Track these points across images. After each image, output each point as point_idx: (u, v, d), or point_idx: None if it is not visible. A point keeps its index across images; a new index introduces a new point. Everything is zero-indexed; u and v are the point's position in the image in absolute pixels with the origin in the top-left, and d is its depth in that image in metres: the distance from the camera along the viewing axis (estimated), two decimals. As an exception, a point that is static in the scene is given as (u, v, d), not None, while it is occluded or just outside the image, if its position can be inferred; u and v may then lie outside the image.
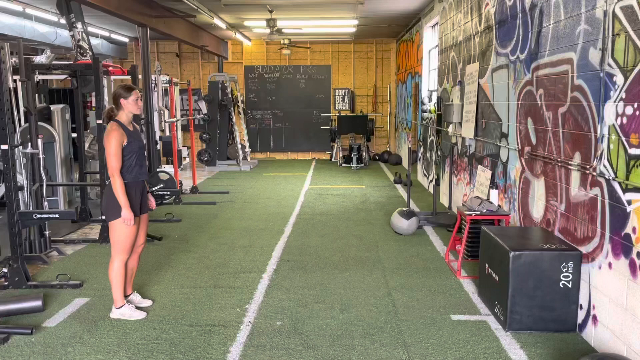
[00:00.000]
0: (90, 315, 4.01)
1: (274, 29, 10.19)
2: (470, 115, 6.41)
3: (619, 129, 3.17)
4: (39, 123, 6.60)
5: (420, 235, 6.33)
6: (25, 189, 5.54)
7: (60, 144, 7.42)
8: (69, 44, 8.83)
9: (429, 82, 10.25)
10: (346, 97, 14.99)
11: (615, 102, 3.21)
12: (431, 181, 9.10)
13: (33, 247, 5.48)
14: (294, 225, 6.87)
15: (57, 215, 4.83)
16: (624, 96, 3.12)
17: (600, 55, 3.39)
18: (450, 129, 7.42)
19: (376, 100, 15.03)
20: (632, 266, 3.05)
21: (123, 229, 3.82)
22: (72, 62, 6.91)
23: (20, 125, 6.73)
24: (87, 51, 6.72)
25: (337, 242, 6.06)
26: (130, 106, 3.87)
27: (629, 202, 3.08)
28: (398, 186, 10.00)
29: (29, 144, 5.60)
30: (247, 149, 13.36)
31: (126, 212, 3.76)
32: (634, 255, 3.04)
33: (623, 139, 3.13)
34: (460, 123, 6.92)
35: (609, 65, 3.28)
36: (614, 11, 3.23)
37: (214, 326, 3.81)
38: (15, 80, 6.30)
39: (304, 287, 4.60)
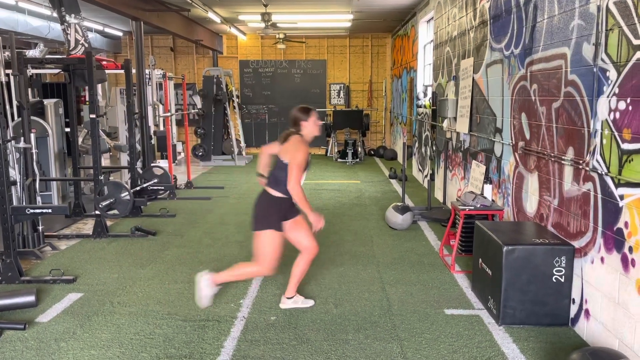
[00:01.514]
0: (83, 311, 4.00)
1: (269, 23, 10.15)
2: (465, 110, 6.42)
3: (611, 124, 3.18)
4: (32, 117, 6.56)
5: (415, 230, 6.34)
6: (18, 183, 5.51)
7: (53, 138, 7.38)
8: (62, 37, 8.76)
9: (424, 77, 10.25)
10: (341, 92, 14.97)
11: (608, 97, 3.22)
12: (426, 176, 9.11)
13: (26, 242, 5.45)
14: (289, 220, 6.86)
15: (50, 210, 4.81)
16: (617, 91, 3.13)
17: (593, 50, 3.39)
18: (445, 124, 7.42)
19: (371, 95, 15.02)
20: (624, 261, 3.07)
21: (270, 241, 3.76)
22: (65, 57, 6.85)
23: (13, 119, 6.69)
24: (81, 44, 6.67)
25: (332, 237, 6.06)
26: (311, 127, 3.84)
27: (622, 197, 3.09)
28: (393, 181, 10.01)
29: (22, 138, 5.57)
30: (242, 144, 13.34)
31: (314, 215, 3.71)
32: (625, 250, 3.06)
33: (616, 134, 3.13)
34: (455, 118, 6.92)
35: (602, 60, 3.28)
36: (607, 6, 3.23)
37: (207, 321, 3.81)
38: (7, 75, 6.24)
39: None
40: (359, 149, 13.07)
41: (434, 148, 8.45)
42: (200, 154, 12.53)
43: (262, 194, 3.85)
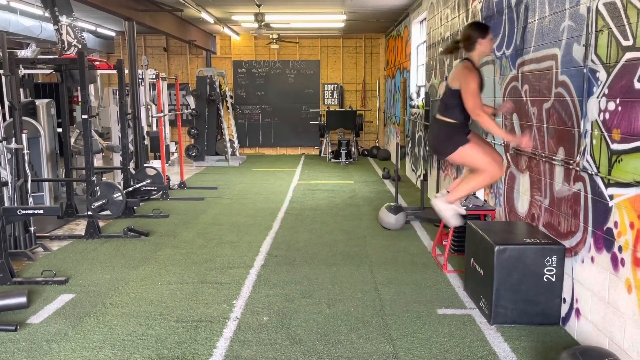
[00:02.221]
0: (75, 312, 3.99)
1: (262, 24, 10.15)
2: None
3: (601, 125, 3.21)
4: (24, 118, 6.53)
5: (408, 230, 6.36)
6: (10, 184, 5.48)
7: (45, 139, 7.34)
8: (54, 38, 8.73)
9: (417, 77, 10.28)
10: (335, 92, 14.99)
11: (598, 97, 3.25)
12: (419, 176, 9.14)
13: (18, 243, 5.42)
14: (282, 221, 6.87)
15: (41, 211, 4.80)
16: (606, 92, 3.16)
17: (583, 51, 3.42)
18: (438, 124, 7.43)
19: (365, 96, 15.04)
20: (614, 260, 3.10)
21: (471, 152, 3.70)
22: (57, 57, 6.82)
23: (4, 120, 6.65)
24: (74, 45, 6.64)
25: (325, 237, 6.07)
26: (486, 47, 3.70)
27: (611, 197, 3.12)
28: (386, 181, 10.03)
29: (14, 139, 5.54)
30: (236, 144, 13.32)
31: (512, 138, 3.64)
32: (615, 250, 3.08)
33: (605, 134, 3.16)
34: (448, 118, 6.94)
35: (592, 61, 3.31)
36: (597, 7, 3.26)
37: (200, 322, 3.81)
38: (-1, 75, 6.20)
39: (292, 282, 4.61)
40: (353, 149, 13.09)
41: (427, 148, 8.47)
42: (193, 154, 12.51)
43: (434, 122, 3.75)
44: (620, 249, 3.04)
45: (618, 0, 3.02)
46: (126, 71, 8.46)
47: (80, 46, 6.61)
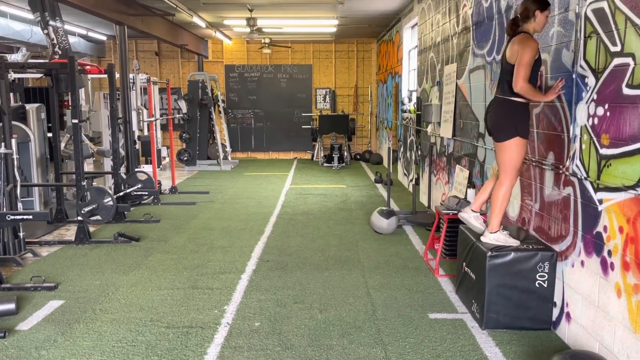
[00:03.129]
0: (65, 318, 3.95)
1: (254, 28, 10.15)
2: (449, 115, 6.47)
3: (590, 130, 3.23)
4: (14, 122, 6.46)
5: (400, 234, 6.37)
6: (-1, 189, 5.43)
7: (35, 143, 7.29)
8: (44, 42, 8.68)
9: (409, 82, 10.32)
10: (327, 96, 15.01)
11: (587, 103, 3.27)
12: (411, 180, 9.16)
13: (7, 249, 5.37)
14: (274, 225, 6.86)
15: (31, 217, 4.76)
16: (595, 97, 3.18)
17: (572, 56, 3.45)
18: (429, 128, 7.47)
19: (357, 100, 15.07)
20: (604, 264, 3.11)
21: (516, 150, 3.61)
22: (47, 61, 6.78)
23: (-7, 124, 6.59)
24: (59, 50, 6.59)
25: (317, 241, 6.06)
26: (541, 23, 3.56)
27: (600, 202, 3.14)
28: (379, 185, 10.05)
29: (3, 143, 5.49)
30: (228, 149, 13.29)
31: (552, 95, 3.47)
32: (605, 254, 3.10)
33: (594, 139, 3.18)
34: (439, 123, 6.97)
35: (581, 67, 3.34)
36: (585, 13, 3.29)
37: (191, 328, 3.79)
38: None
39: (283, 287, 4.59)
40: (345, 154, 13.10)
41: (419, 153, 8.50)
42: (185, 158, 12.47)
43: (497, 102, 3.61)
44: (609, 253, 3.05)
45: (606, 6, 3.05)
46: (117, 75, 8.43)
47: (60, 52, 6.55)
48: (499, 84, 3.77)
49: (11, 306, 3.88)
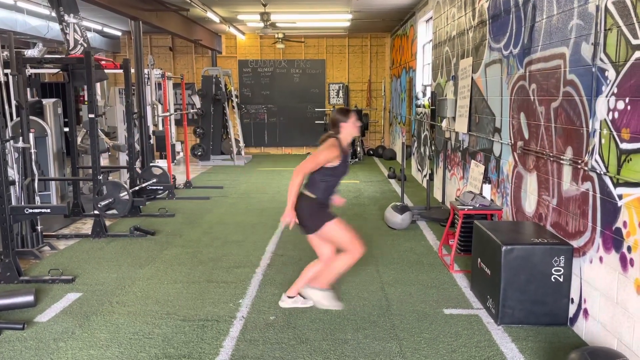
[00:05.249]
0: (82, 310, 4.00)
1: (268, 23, 10.15)
2: (464, 110, 6.42)
3: (610, 124, 3.18)
4: (31, 117, 6.55)
5: (414, 229, 6.34)
6: (17, 183, 5.51)
7: (52, 138, 7.38)
8: (60, 37, 8.76)
9: (423, 76, 10.25)
10: (340, 91, 14.97)
11: (607, 96, 3.22)
12: (425, 176, 9.11)
13: (25, 242, 5.44)
14: (288, 220, 6.86)
15: (48, 210, 4.81)
16: (615, 91, 3.13)
17: (592, 50, 3.39)
18: (444, 123, 7.42)
19: (370, 95, 15.02)
20: (623, 260, 3.07)
21: (335, 229, 3.78)
22: (63, 56, 6.84)
23: (11, 119, 6.68)
24: (80, 44, 6.66)
25: (331, 236, 6.05)
26: (350, 128, 3.83)
27: (620, 197, 3.10)
28: (392, 181, 10.01)
29: (21, 138, 5.56)
30: (241, 144, 13.32)
31: (287, 211, 3.65)
32: (624, 250, 3.06)
33: (614, 133, 3.14)
34: (454, 118, 6.92)
35: (601, 60, 3.29)
36: (606, 6, 3.23)
37: (207, 321, 3.81)
38: (6, 74, 6.24)
39: (297, 281, 4.60)
40: (358, 149, 13.07)
41: (433, 148, 8.45)
42: (199, 153, 12.52)
43: (301, 198, 3.77)
44: (629, 249, 3.01)
45: (627, -2, 3.00)
46: (132, 71, 8.48)
47: (86, 45, 6.62)
48: (308, 177, 3.85)
49: (30, 298, 3.94)
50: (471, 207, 4.89)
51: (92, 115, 6.03)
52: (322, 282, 3.98)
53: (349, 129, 3.86)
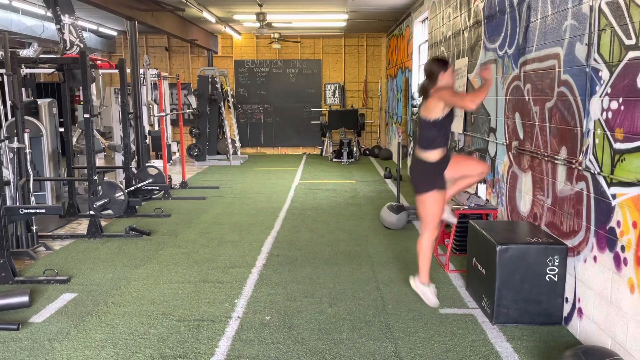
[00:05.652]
0: (77, 311, 3.99)
1: (264, 23, 10.15)
2: (459, 110, 6.43)
3: (604, 124, 3.20)
4: (26, 117, 6.53)
5: (410, 229, 6.35)
6: (12, 183, 5.49)
7: (47, 138, 7.36)
8: (56, 37, 8.74)
9: (419, 76, 10.27)
10: (337, 91, 14.98)
11: (600, 97, 3.24)
12: (421, 176, 9.12)
13: (20, 242, 5.43)
14: (284, 220, 6.87)
15: (43, 211, 4.80)
16: (609, 91, 3.15)
17: (586, 50, 3.41)
18: (440, 123, 7.42)
19: (367, 95, 15.03)
20: (617, 259, 3.09)
21: (436, 200, 3.77)
22: (59, 56, 6.83)
23: (6, 119, 6.67)
24: (76, 45, 6.64)
25: (327, 236, 6.07)
26: (448, 79, 3.74)
27: (614, 196, 3.11)
28: (388, 181, 10.03)
29: (16, 138, 5.55)
30: (238, 144, 13.32)
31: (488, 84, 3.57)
32: (618, 249, 3.07)
33: (608, 133, 3.15)
34: (450, 118, 6.93)
35: (595, 60, 3.30)
36: (599, 6, 3.25)
37: (202, 321, 3.81)
38: (1, 74, 6.23)
39: (293, 281, 4.61)
40: (354, 149, 13.08)
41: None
42: (195, 153, 12.51)
43: (417, 160, 3.76)
44: (622, 248, 3.03)
45: (621, -1, 3.02)
46: (128, 70, 8.47)
47: (82, 45, 6.61)
48: (421, 137, 3.88)
49: (25, 299, 3.93)
50: (466, 207, 4.90)
51: (87, 116, 6.02)
52: (422, 276, 4.01)
53: (447, 80, 3.74)
